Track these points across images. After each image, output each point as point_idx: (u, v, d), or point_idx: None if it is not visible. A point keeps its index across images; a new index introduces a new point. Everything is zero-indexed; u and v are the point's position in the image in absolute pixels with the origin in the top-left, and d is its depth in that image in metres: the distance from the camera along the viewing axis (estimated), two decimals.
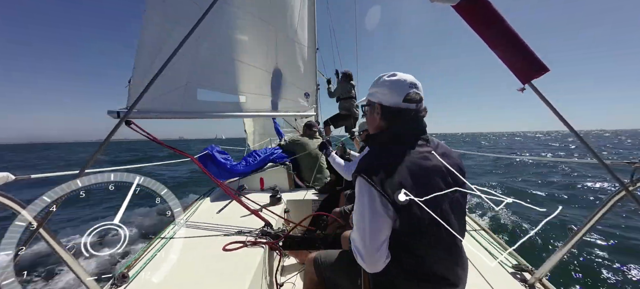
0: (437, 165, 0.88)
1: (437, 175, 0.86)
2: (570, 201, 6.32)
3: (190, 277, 1.28)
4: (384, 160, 0.85)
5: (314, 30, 4.31)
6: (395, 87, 0.93)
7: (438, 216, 0.78)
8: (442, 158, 0.90)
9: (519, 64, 1.01)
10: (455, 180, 0.89)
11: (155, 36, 2.27)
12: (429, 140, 0.94)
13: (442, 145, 0.97)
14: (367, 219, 0.81)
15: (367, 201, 0.80)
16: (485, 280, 1.32)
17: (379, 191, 0.78)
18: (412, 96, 0.91)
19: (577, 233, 1.15)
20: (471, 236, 1.79)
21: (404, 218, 0.79)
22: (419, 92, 0.93)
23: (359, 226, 0.83)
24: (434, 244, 0.83)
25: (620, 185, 0.97)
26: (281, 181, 3.07)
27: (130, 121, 1.39)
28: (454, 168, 0.90)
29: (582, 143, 1.01)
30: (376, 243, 0.80)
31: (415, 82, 0.93)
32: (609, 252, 3.80)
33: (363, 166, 0.84)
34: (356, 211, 0.85)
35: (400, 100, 0.91)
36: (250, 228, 1.78)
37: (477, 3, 1.03)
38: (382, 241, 0.81)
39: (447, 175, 0.88)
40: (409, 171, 0.81)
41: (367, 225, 0.81)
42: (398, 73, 0.95)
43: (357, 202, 0.85)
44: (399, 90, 0.92)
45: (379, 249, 0.80)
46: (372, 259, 0.81)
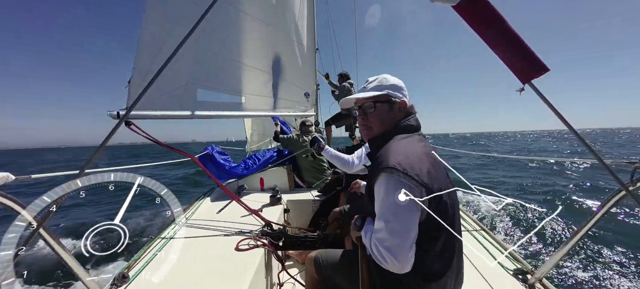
0: (437, 158, 0.94)
1: (443, 167, 0.93)
2: (570, 201, 6.32)
3: (190, 277, 1.28)
4: (404, 152, 0.85)
5: (313, 30, 4.31)
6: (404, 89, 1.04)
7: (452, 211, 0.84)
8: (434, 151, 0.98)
9: (519, 64, 1.01)
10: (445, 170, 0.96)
11: (155, 36, 2.26)
12: (423, 136, 1.02)
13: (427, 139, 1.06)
14: (400, 216, 0.78)
15: (401, 198, 0.75)
16: (485, 280, 1.32)
17: (416, 180, 0.77)
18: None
19: (577, 233, 1.15)
20: (471, 236, 1.79)
21: (436, 206, 0.80)
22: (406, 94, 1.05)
23: (389, 225, 0.79)
24: (447, 240, 0.84)
25: (620, 185, 0.97)
26: (281, 181, 3.07)
27: (130, 122, 1.39)
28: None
29: (582, 143, 1.00)
30: (409, 241, 0.78)
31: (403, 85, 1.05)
32: (609, 252, 3.80)
33: (391, 159, 0.82)
34: (385, 210, 0.81)
35: (409, 104, 1.03)
36: (250, 228, 1.78)
37: (477, 3, 1.03)
38: (414, 239, 0.79)
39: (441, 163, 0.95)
40: (427, 161, 0.85)
41: (394, 223, 0.78)
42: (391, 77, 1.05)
43: (386, 200, 0.81)
44: (408, 98, 1.04)
45: (411, 247, 0.79)
46: (405, 258, 0.78)
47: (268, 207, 2.31)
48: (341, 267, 1.14)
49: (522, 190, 7.81)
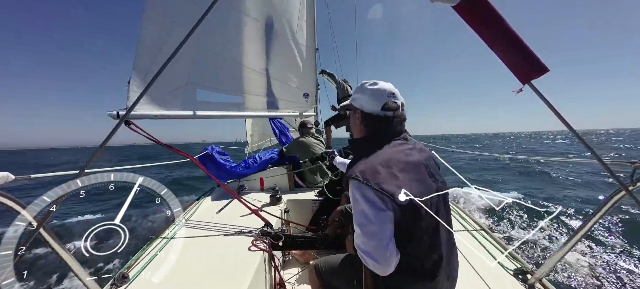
0: (419, 159, 0.93)
1: (422, 168, 0.91)
2: (570, 201, 6.32)
3: (190, 277, 1.28)
4: (372, 159, 0.88)
5: (313, 30, 4.31)
6: (375, 95, 0.98)
7: (432, 210, 0.81)
8: (421, 153, 0.97)
9: (518, 64, 1.01)
10: (436, 173, 0.95)
11: (154, 36, 2.26)
12: (408, 139, 0.99)
13: (418, 142, 1.04)
14: (370, 219, 0.80)
15: (366, 202, 0.81)
16: (485, 280, 1.32)
17: (376, 189, 0.79)
18: (389, 105, 0.96)
19: (577, 233, 1.15)
20: (471, 236, 1.79)
21: (405, 212, 0.80)
22: (397, 101, 0.98)
23: (364, 230, 0.82)
24: (434, 239, 0.85)
25: (620, 185, 0.97)
26: (281, 182, 3.07)
27: (130, 121, 1.39)
28: (431, 161, 0.98)
29: (582, 143, 1.01)
30: (384, 240, 0.80)
31: (393, 91, 0.99)
32: (609, 252, 3.80)
33: (355, 169, 0.86)
34: (357, 215, 0.84)
35: (379, 108, 0.97)
36: (250, 228, 1.78)
37: (477, 3, 1.03)
38: (390, 238, 0.80)
39: (428, 168, 0.93)
40: (398, 167, 0.85)
41: (371, 225, 0.80)
42: (379, 82, 1.01)
43: (355, 206, 0.85)
44: (378, 98, 0.97)
45: (388, 246, 0.80)
46: (383, 258, 0.80)
47: (268, 207, 2.30)
48: (341, 271, 1.15)
49: (522, 190, 7.81)
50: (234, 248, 1.55)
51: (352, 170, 0.87)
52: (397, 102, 0.98)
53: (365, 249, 0.82)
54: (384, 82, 1.01)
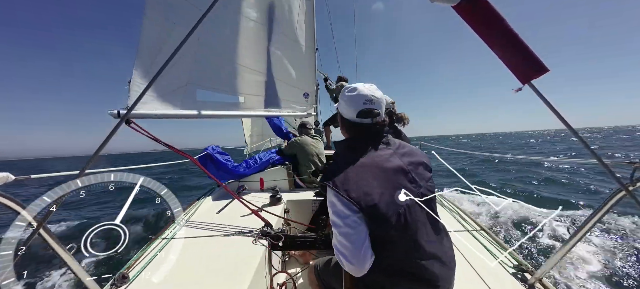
0: (398, 165, 0.92)
1: (399, 174, 0.90)
2: (571, 201, 6.33)
3: (190, 277, 1.28)
4: (346, 166, 0.89)
5: (313, 30, 4.31)
6: (350, 102, 0.97)
7: (404, 214, 0.83)
8: (403, 158, 0.95)
9: (518, 64, 1.01)
10: (420, 178, 0.93)
11: (154, 37, 2.28)
12: (390, 143, 0.99)
13: (404, 146, 1.02)
14: (343, 222, 0.83)
15: (338, 206, 0.84)
16: (485, 280, 1.32)
17: (344, 196, 0.82)
18: (365, 112, 0.95)
19: (577, 233, 1.15)
20: (471, 236, 1.79)
21: (373, 217, 0.82)
22: (374, 108, 0.96)
23: (339, 231, 0.85)
24: (414, 241, 0.84)
25: (620, 185, 0.97)
26: (281, 182, 3.07)
27: (130, 120, 1.39)
28: (418, 166, 0.96)
29: (582, 143, 1.01)
30: (358, 242, 0.82)
31: (371, 97, 0.96)
32: (609, 252, 3.80)
33: (328, 175, 0.89)
34: (332, 217, 0.88)
35: (354, 116, 0.97)
36: (250, 228, 1.78)
37: (477, 3, 1.03)
38: (364, 240, 0.83)
39: (409, 173, 0.92)
40: (371, 173, 0.87)
41: (343, 228, 0.83)
42: (359, 87, 0.98)
43: (329, 208, 0.88)
44: (354, 105, 0.96)
45: (362, 248, 0.82)
46: (357, 259, 0.82)
47: (268, 207, 2.31)
48: (336, 271, 1.16)
49: (523, 189, 7.82)
50: (234, 248, 1.55)
51: (326, 175, 0.90)
52: (374, 109, 0.96)
53: (341, 250, 0.85)
54: (365, 86, 0.99)
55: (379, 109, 0.98)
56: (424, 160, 1.01)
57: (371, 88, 0.99)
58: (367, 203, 0.81)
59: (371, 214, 0.81)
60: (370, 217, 0.82)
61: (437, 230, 0.92)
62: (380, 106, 0.98)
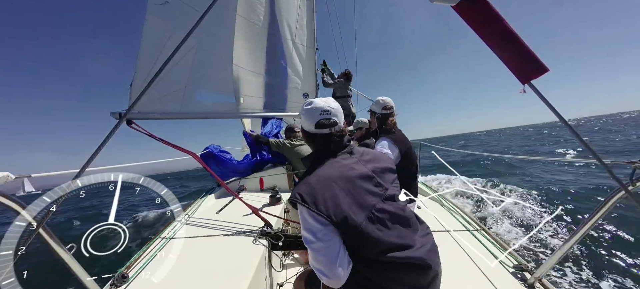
0: (362, 172, 0.95)
1: (364, 180, 0.93)
2: (571, 201, 6.33)
3: (190, 277, 1.28)
4: (313, 179, 0.91)
5: (313, 30, 4.31)
6: (308, 115, 1.03)
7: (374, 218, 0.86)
8: (367, 164, 0.99)
9: (518, 64, 1.01)
10: (384, 179, 0.98)
11: (155, 41, 2.31)
12: (353, 152, 1.03)
13: (367, 152, 1.07)
14: (314, 238, 0.84)
15: (308, 221, 0.85)
16: (485, 280, 1.32)
17: (313, 210, 0.83)
18: (321, 122, 1.01)
19: (577, 233, 1.15)
20: (471, 235, 1.79)
21: (345, 228, 0.83)
22: (330, 118, 1.02)
23: (311, 247, 0.86)
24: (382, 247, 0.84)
25: (619, 185, 0.97)
26: (281, 182, 3.07)
27: (131, 120, 1.40)
28: (383, 171, 1.00)
29: (582, 143, 1.01)
30: (332, 255, 0.83)
31: (327, 108, 1.02)
32: (609, 252, 3.80)
33: (296, 189, 0.90)
34: (304, 233, 0.88)
35: (313, 127, 1.02)
36: (250, 228, 1.78)
37: (477, 3, 1.03)
38: (338, 252, 0.84)
39: (374, 178, 0.96)
40: (337, 185, 0.88)
41: (316, 244, 0.84)
42: (315, 100, 1.05)
43: (301, 224, 0.89)
44: (311, 118, 1.02)
45: (336, 261, 0.83)
46: (333, 273, 0.83)
47: (268, 207, 2.31)
48: None
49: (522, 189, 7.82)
50: (234, 248, 1.55)
51: (294, 191, 0.91)
52: (330, 118, 1.02)
53: (316, 266, 0.87)
54: (321, 100, 1.05)
55: (335, 118, 1.03)
56: (388, 164, 1.06)
57: (327, 101, 1.05)
58: (337, 215, 0.83)
59: (343, 225, 0.83)
60: (342, 228, 0.83)
61: (410, 223, 0.95)
62: (336, 116, 1.04)
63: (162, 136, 1.76)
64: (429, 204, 2.42)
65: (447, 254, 1.48)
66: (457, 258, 1.48)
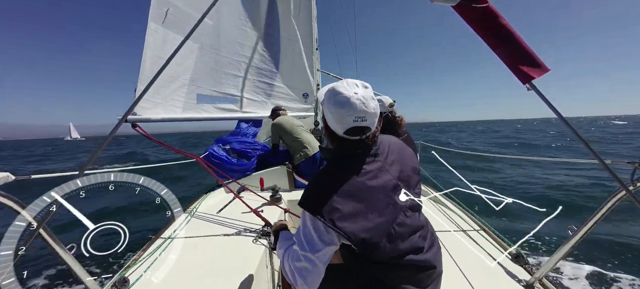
0: (386, 181, 0.86)
1: (388, 191, 0.85)
2: (571, 201, 6.32)
3: (190, 277, 1.28)
4: (327, 187, 0.82)
5: (312, 30, 4.32)
6: (339, 117, 0.83)
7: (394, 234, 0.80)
8: (392, 168, 0.89)
9: (519, 64, 1.01)
10: (409, 186, 0.89)
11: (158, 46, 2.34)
12: (378, 153, 0.90)
13: (392, 151, 0.94)
14: (315, 247, 0.79)
15: (315, 232, 0.79)
16: (485, 280, 1.32)
17: (329, 225, 0.76)
18: (354, 130, 0.83)
19: (577, 233, 1.15)
20: (471, 236, 1.79)
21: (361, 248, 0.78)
22: (366, 125, 0.83)
23: (304, 253, 0.80)
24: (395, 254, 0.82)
25: (620, 185, 0.97)
26: (281, 182, 3.07)
27: (136, 124, 1.41)
28: (406, 171, 0.91)
29: (582, 143, 1.01)
30: (320, 267, 0.80)
31: (364, 110, 0.80)
32: (609, 252, 3.79)
33: (311, 197, 0.83)
34: (303, 236, 0.82)
35: (341, 133, 0.84)
36: (250, 228, 1.78)
37: (477, 3, 1.03)
38: (325, 264, 0.81)
39: (399, 186, 0.87)
40: (353, 197, 0.80)
41: (314, 252, 0.79)
42: (351, 97, 0.80)
43: (302, 226, 0.84)
44: (341, 122, 0.83)
45: (322, 273, 0.81)
46: (313, 282, 0.80)
47: (268, 207, 2.30)
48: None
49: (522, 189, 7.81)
50: (234, 248, 1.55)
51: (308, 199, 0.83)
52: (366, 126, 0.83)
53: (299, 267, 0.81)
54: (358, 96, 0.81)
55: (371, 125, 0.84)
56: (413, 163, 0.96)
57: (365, 98, 0.81)
58: (356, 236, 0.76)
59: (359, 245, 0.77)
60: (359, 248, 0.78)
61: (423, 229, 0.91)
62: (373, 120, 0.84)
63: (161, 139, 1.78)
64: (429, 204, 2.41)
65: (447, 254, 1.47)
66: (457, 258, 1.47)
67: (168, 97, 2.50)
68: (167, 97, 2.48)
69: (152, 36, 2.34)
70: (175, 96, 2.60)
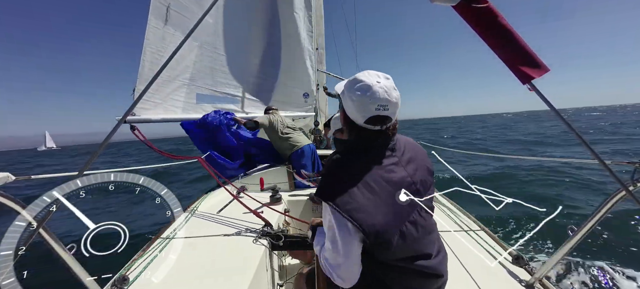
0: (402, 177, 0.85)
1: (402, 188, 0.83)
2: (571, 201, 6.32)
3: (190, 277, 1.28)
4: (347, 180, 0.80)
5: (312, 30, 4.32)
6: (360, 105, 0.82)
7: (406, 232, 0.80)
8: (408, 167, 0.88)
9: (519, 64, 1.01)
10: (424, 186, 0.89)
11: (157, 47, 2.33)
12: (395, 149, 0.89)
13: (409, 149, 0.93)
14: (340, 240, 0.79)
15: (338, 225, 0.79)
16: (485, 280, 1.32)
17: (346, 217, 0.75)
18: (375, 119, 0.82)
19: (577, 233, 1.15)
20: (471, 236, 1.79)
21: (373, 240, 0.78)
22: (388, 114, 0.82)
23: (334, 247, 0.81)
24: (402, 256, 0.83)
25: (620, 185, 0.97)
26: (281, 182, 3.07)
27: (134, 127, 1.40)
28: (422, 172, 0.91)
29: (582, 143, 1.00)
30: (351, 260, 0.80)
31: (387, 101, 0.80)
32: (609, 252, 3.80)
33: (328, 189, 0.81)
34: (328, 232, 0.84)
35: (362, 121, 0.83)
36: (250, 228, 1.78)
37: (477, 3, 1.03)
38: (357, 256, 0.81)
39: (412, 185, 0.85)
40: (376, 188, 0.80)
41: (340, 247, 0.79)
42: (374, 86, 0.80)
43: (325, 222, 0.84)
44: (363, 110, 0.81)
45: (355, 265, 0.82)
46: (347, 275, 0.81)
47: (268, 207, 2.30)
48: None
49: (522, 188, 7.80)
50: (234, 248, 1.55)
51: (325, 191, 0.81)
52: (387, 115, 0.82)
53: (333, 264, 0.83)
54: (380, 85, 0.80)
55: (392, 115, 0.83)
56: (427, 163, 0.96)
57: (388, 88, 0.81)
58: (370, 228, 0.75)
59: (372, 237, 0.76)
60: (371, 240, 0.76)
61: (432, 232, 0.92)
62: (394, 110, 0.83)
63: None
64: None
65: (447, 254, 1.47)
66: (457, 258, 1.47)
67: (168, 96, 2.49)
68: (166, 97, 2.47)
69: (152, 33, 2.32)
70: (175, 96, 2.60)
